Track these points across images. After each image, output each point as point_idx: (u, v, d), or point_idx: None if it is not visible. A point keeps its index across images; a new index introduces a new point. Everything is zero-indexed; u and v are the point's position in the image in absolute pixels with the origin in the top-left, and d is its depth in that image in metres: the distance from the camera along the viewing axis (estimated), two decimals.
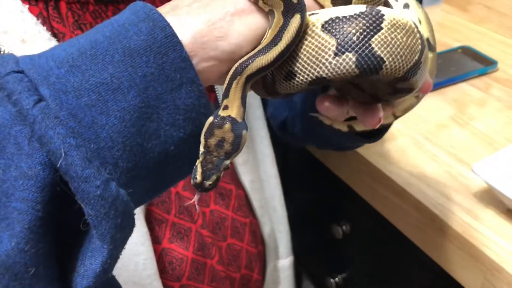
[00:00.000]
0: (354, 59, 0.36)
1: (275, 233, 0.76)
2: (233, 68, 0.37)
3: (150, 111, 0.34)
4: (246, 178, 0.70)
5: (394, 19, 0.36)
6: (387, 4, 0.41)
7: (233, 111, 0.37)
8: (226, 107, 0.37)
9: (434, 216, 0.67)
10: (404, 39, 0.36)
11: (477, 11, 1.12)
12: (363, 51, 0.35)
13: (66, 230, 0.35)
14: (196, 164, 0.37)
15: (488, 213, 0.66)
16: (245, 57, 0.37)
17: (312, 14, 0.38)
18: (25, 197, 0.32)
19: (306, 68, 0.37)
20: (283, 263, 0.78)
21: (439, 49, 1.01)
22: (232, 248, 0.67)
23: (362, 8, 0.36)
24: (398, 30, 0.36)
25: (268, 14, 0.38)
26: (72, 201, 0.32)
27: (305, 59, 0.37)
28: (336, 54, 0.36)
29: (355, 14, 0.36)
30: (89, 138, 0.32)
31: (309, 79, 0.37)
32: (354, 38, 0.35)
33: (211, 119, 0.37)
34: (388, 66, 0.36)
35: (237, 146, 0.37)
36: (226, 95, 0.37)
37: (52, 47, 0.36)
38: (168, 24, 0.35)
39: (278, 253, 0.78)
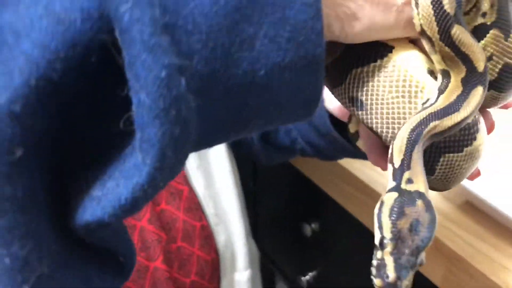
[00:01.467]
0: None
1: (232, 244, 0.74)
2: (405, 134, 0.31)
3: (252, 8, 0.26)
4: (199, 183, 0.70)
5: (477, 148, 0.34)
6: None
7: (421, 186, 0.31)
8: (410, 181, 0.31)
9: None
10: (464, 170, 0.35)
11: None
12: (429, 156, 0.34)
13: (88, 128, 0.25)
14: (378, 256, 0.29)
15: (448, 206, 0.68)
16: (415, 120, 0.32)
17: (432, 74, 0.34)
18: (44, 42, 0.23)
19: (375, 117, 0.34)
20: (239, 277, 0.77)
21: None
22: (182, 252, 0.66)
23: (471, 115, 0.33)
24: (469, 161, 0.35)
25: (439, 73, 0.34)
26: (113, 84, 0.24)
27: (380, 108, 0.34)
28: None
29: (457, 120, 0.32)
30: (166, 5, 0.24)
31: (370, 126, 0.35)
32: (434, 144, 0.33)
33: (392, 194, 0.30)
34: (431, 179, 0.35)
35: (432, 230, 0.30)
36: (407, 166, 0.31)
37: None
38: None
39: (235, 265, 0.76)
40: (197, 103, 0.25)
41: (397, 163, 0.31)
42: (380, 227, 0.29)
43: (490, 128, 0.39)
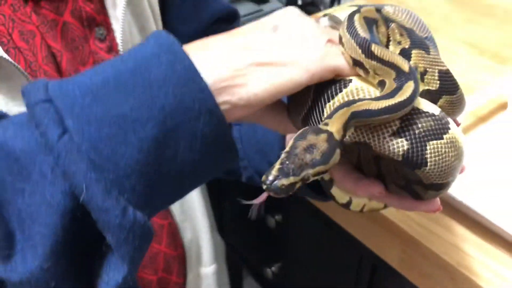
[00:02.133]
0: (406, 147, 0.37)
1: (198, 240, 0.76)
2: (342, 102, 0.37)
3: (168, 139, 0.35)
4: None
5: (454, 137, 0.38)
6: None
7: (333, 128, 0.35)
8: (326, 124, 0.36)
9: None
10: (453, 159, 0.38)
11: None
12: (417, 147, 0.37)
13: (88, 246, 0.38)
14: (274, 164, 0.34)
15: None
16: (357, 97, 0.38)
17: None
18: (47, 222, 0.35)
19: (360, 130, 0.37)
20: (206, 270, 0.78)
21: None
22: (150, 251, 0.66)
23: (436, 110, 0.38)
24: (453, 149, 0.38)
25: (379, 85, 0.39)
26: (93, 223, 0.35)
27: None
28: (393, 135, 0.37)
29: (428, 112, 0.37)
30: (109, 168, 0.35)
31: (356, 140, 0.38)
32: (417, 131, 0.37)
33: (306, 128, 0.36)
34: (427, 170, 0.38)
35: (326, 159, 0.34)
36: (329, 116, 0.36)
37: (81, 73, 0.38)
38: (187, 57, 0.36)
39: (201, 260, 0.77)
40: (146, 207, 0.36)
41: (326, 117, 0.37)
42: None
43: None
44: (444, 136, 0.37)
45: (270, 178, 0.33)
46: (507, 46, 1.00)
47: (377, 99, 0.36)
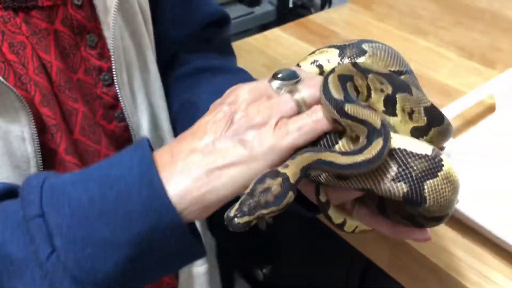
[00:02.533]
0: (405, 189, 0.40)
1: None
2: (305, 148, 0.41)
3: (141, 258, 0.41)
4: None
5: (449, 172, 0.41)
6: (432, 111, 0.45)
7: (290, 172, 0.39)
8: (286, 166, 0.40)
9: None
10: (450, 194, 0.42)
11: (380, 9, 1.21)
12: (415, 188, 0.40)
13: None
14: (235, 203, 0.39)
15: None
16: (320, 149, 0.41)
17: None
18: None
19: (362, 177, 0.41)
20: (198, 270, 0.78)
21: None
22: None
23: (429, 150, 0.41)
24: (448, 184, 0.41)
25: (354, 140, 0.42)
26: None
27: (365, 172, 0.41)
28: (393, 180, 0.41)
29: (421, 154, 0.41)
30: (88, 282, 0.41)
31: (360, 187, 0.41)
32: (413, 174, 0.40)
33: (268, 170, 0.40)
34: (427, 207, 0.41)
35: (279, 201, 0.38)
36: (292, 158, 0.40)
37: (73, 182, 0.43)
38: (165, 194, 0.40)
39: None
40: None
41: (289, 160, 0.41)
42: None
43: None
44: (439, 174, 0.41)
45: (230, 215, 0.38)
46: (495, 50, 1.01)
47: (345, 153, 0.40)
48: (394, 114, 0.45)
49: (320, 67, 0.49)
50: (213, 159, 0.42)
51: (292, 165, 0.39)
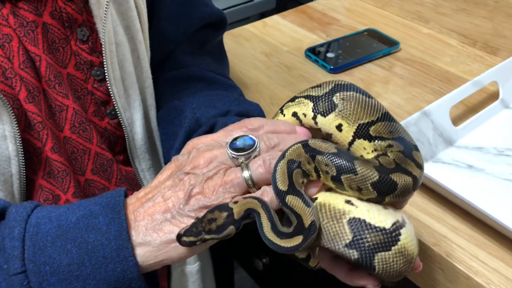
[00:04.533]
0: (356, 256, 0.45)
1: None
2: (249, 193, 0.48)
3: None
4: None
5: (404, 247, 0.44)
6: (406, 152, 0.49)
7: (236, 209, 0.46)
8: (235, 202, 0.46)
9: None
10: (401, 265, 0.45)
11: None
12: (365, 257, 0.44)
13: None
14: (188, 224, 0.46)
15: None
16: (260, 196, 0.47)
17: (349, 202, 0.46)
18: None
19: (322, 237, 0.46)
20: (190, 268, 0.78)
21: (348, 32, 1.06)
22: None
23: (388, 223, 0.44)
24: (401, 257, 0.45)
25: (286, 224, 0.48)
26: None
27: (325, 232, 0.46)
28: (346, 245, 0.45)
29: (379, 227, 0.44)
30: None
31: (318, 244, 0.47)
32: (366, 245, 0.44)
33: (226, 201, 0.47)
34: (376, 274, 0.45)
35: (219, 231, 0.45)
36: (243, 198, 0.47)
37: (52, 243, 0.45)
38: (137, 268, 0.46)
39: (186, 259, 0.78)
40: None
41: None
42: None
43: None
44: (393, 248, 0.44)
45: (181, 233, 0.45)
46: (498, 36, 0.99)
47: (274, 228, 0.45)
48: (345, 190, 0.47)
49: (298, 118, 0.54)
50: (171, 229, 0.47)
51: (240, 204, 0.46)
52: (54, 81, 0.57)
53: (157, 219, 0.47)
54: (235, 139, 0.50)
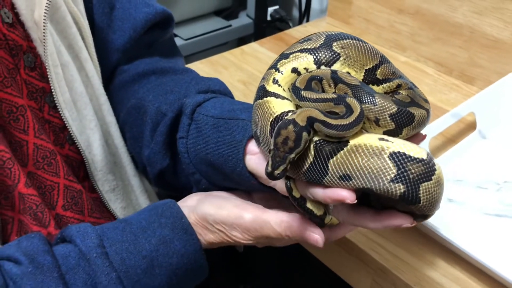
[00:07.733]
0: (402, 190, 0.43)
1: None
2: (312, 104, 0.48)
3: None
4: (117, 205, 0.68)
5: (439, 175, 0.45)
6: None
7: (298, 118, 0.45)
8: (294, 113, 0.46)
9: None
10: (439, 194, 0.45)
11: (358, 24, 1.19)
12: (412, 189, 0.43)
13: None
14: (268, 159, 0.45)
15: None
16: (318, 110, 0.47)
17: (383, 139, 0.44)
18: None
19: (363, 178, 0.44)
20: None
21: None
22: None
23: (424, 154, 0.44)
24: (439, 186, 0.45)
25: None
26: None
27: (365, 172, 0.44)
28: (392, 180, 0.43)
29: (418, 158, 0.43)
30: None
31: (361, 186, 0.44)
32: (411, 177, 0.43)
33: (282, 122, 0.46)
34: (420, 206, 0.44)
35: (297, 143, 0.44)
36: (294, 113, 0.46)
37: (145, 270, 0.52)
38: (206, 269, 0.56)
39: None
40: None
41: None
42: (270, 140, 0.46)
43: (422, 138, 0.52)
44: (432, 177, 0.44)
45: (269, 170, 0.44)
46: (474, 66, 1.00)
47: (333, 117, 0.45)
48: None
49: (300, 74, 0.52)
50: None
51: (298, 114, 0.45)
52: (9, 117, 0.54)
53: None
54: None
